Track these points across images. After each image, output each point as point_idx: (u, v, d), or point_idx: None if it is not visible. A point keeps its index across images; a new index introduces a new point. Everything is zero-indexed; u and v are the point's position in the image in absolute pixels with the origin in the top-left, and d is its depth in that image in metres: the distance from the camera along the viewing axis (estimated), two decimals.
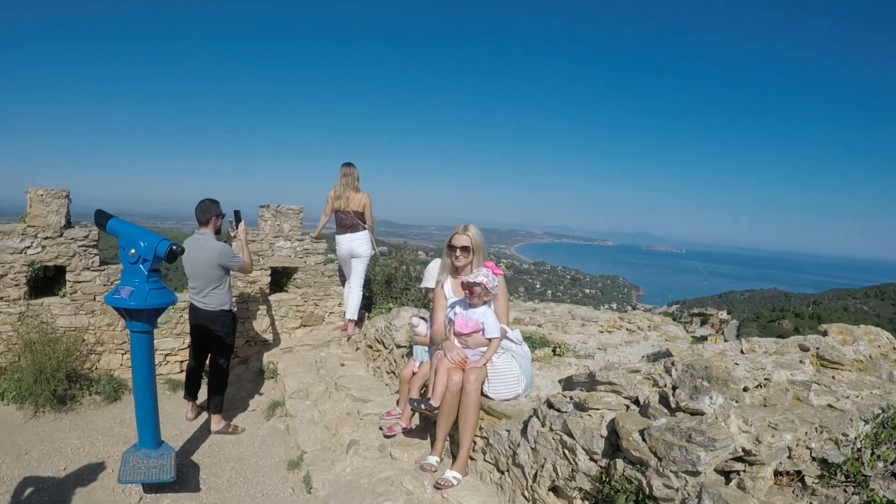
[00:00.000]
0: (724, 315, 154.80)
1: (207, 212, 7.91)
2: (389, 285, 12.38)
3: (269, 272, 10.75)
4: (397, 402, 7.21)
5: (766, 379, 4.15)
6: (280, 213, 10.75)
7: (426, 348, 6.81)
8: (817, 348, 4.95)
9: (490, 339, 5.89)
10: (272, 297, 10.82)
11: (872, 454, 3.63)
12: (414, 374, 6.83)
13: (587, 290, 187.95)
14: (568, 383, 5.71)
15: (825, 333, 5.42)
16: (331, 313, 11.32)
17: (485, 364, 5.82)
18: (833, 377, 4.60)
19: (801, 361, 4.62)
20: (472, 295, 5.89)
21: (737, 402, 3.81)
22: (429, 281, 6.97)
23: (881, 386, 4.56)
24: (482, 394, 5.83)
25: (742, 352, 4.96)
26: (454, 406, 5.73)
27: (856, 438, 3.75)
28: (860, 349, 5.11)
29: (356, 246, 10.11)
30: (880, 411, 3.99)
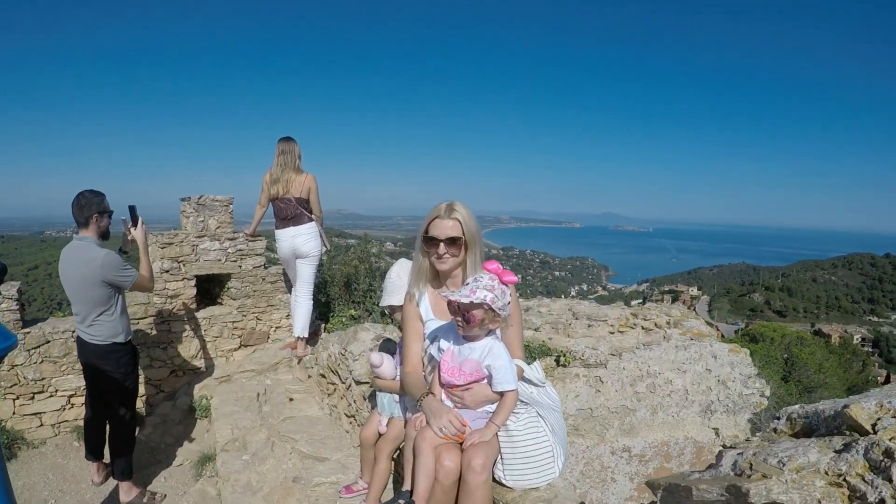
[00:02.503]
0: (694, 291, 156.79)
1: (86, 208, 5.87)
2: (350, 288, 10.38)
3: (193, 282, 8.65)
4: (361, 472, 5.10)
5: None
6: (204, 205, 8.63)
7: (396, 397, 4.59)
8: None
9: (502, 393, 3.63)
10: (201, 313, 8.70)
11: None
12: (381, 435, 4.66)
13: (557, 273, 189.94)
14: (673, 497, 2.97)
15: None
16: (277, 328, 9.26)
17: (495, 435, 3.61)
18: None
19: None
20: (470, 323, 3.57)
21: None
22: (392, 295, 4.77)
23: None
24: (495, 481, 3.68)
25: None
26: None
27: None
28: None
29: (301, 242, 8.13)
30: None
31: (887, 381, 61.66)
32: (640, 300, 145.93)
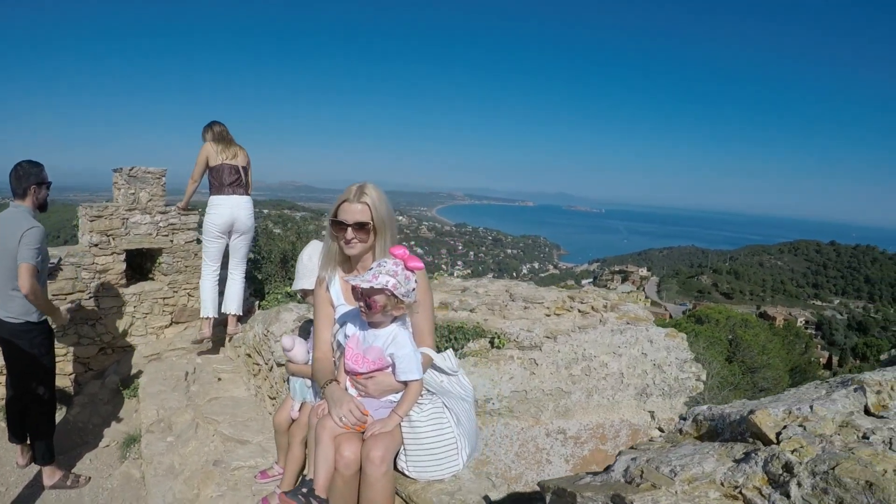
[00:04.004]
0: (644, 272, 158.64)
1: (24, 179, 5.77)
2: (286, 265, 10.23)
3: (123, 256, 8.40)
4: (277, 458, 5.01)
5: None
6: (135, 177, 8.39)
7: (308, 382, 4.47)
8: None
9: (406, 383, 3.54)
10: (131, 289, 8.48)
11: None
12: (294, 420, 4.55)
13: (509, 251, 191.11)
14: (561, 500, 2.95)
15: None
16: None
17: (397, 425, 3.54)
18: None
19: None
20: (371, 309, 3.46)
21: None
22: (304, 279, 4.65)
23: None
24: (398, 471, 3.62)
25: (868, 411, 2.82)
26: (352, 499, 3.44)
27: None
28: None
29: (246, 216, 7.91)
30: None
31: (829, 363, 62.96)
32: (591, 279, 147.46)
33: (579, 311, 7.79)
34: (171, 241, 8.67)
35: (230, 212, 7.81)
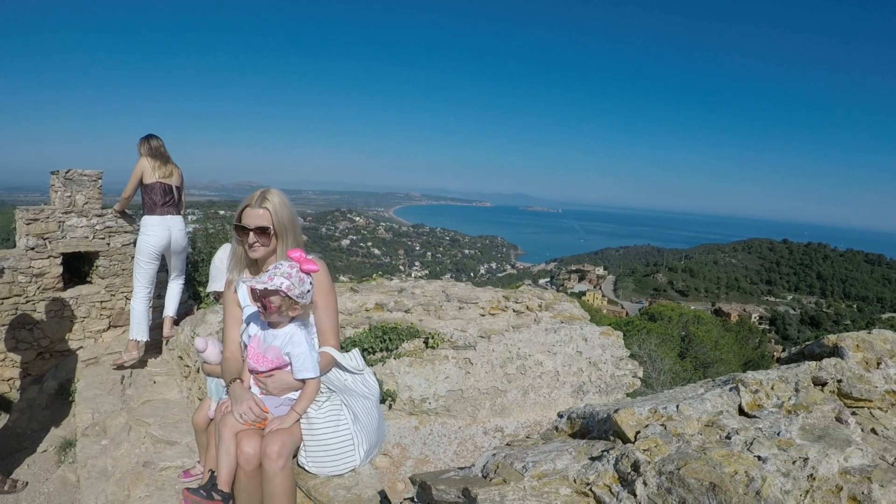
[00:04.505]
0: (600, 271, 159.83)
1: None
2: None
3: (59, 260, 8.35)
4: (199, 457, 5.04)
5: (810, 477, 2.26)
6: (72, 180, 8.33)
7: (223, 382, 4.41)
8: (838, 380, 3.10)
9: (304, 381, 3.68)
10: (68, 293, 8.43)
11: None
12: (211, 420, 4.65)
13: (466, 251, 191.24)
14: (424, 493, 2.89)
15: (835, 348, 3.56)
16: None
17: (296, 422, 3.67)
18: (874, 429, 2.81)
19: (839, 419, 2.73)
20: (267, 310, 3.60)
21: None
22: (216, 281, 4.75)
23: None
24: (300, 467, 3.76)
25: (742, 411, 2.92)
26: (255, 493, 3.56)
27: None
28: (890, 373, 3.32)
29: (179, 236, 7.87)
30: None
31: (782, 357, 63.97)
32: (548, 279, 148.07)
33: (514, 310, 7.87)
34: (108, 244, 8.62)
35: (165, 233, 7.74)
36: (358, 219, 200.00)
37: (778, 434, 2.42)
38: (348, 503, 3.48)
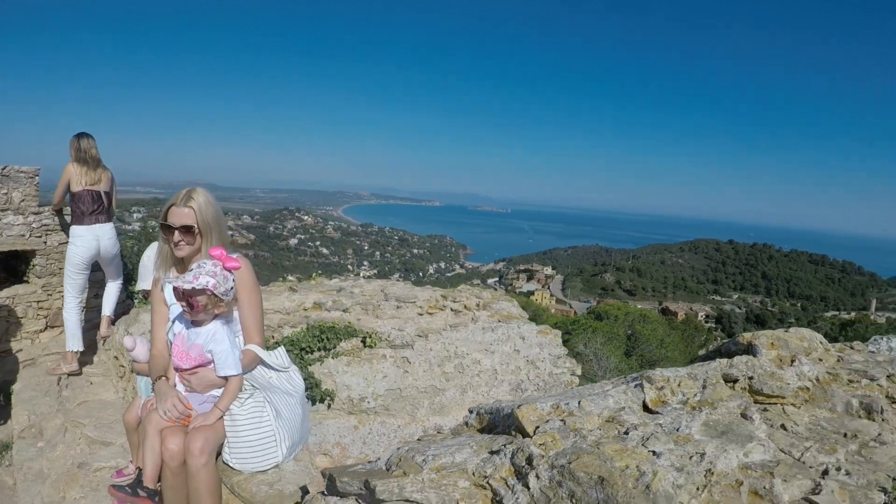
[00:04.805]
0: (549, 271, 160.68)
1: None
2: None
3: None
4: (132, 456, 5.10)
5: (706, 471, 2.35)
6: (8, 177, 8.19)
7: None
8: (749, 378, 3.22)
9: (227, 378, 3.72)
10: (3, 293, 8.28)
11: None
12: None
13: (415, 251, 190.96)
14: (332, 486, 3.03)
15: (749, 346, 3.68)
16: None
17: (219, 419, 3.71)
18: (783, 426, 2.92)
19: (745, 415, 2.83)
20: (194, 309, 3.64)
21: None
22: (145, 279, 4.78)
23: (842, 427, 2.95)
24: (225, 464, 3.79)
25: (646, 407, 3.01)
26: (181, 490, 3.59)
27: None
28: (804, 370, 3.44)
29: (109, 244, 7.70)
30: (881, 493, 2.38)
31: None
32: (497, 278, 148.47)
33: (452, 309, 7.93)
34: (45, 242, 8.50)
35: (93, 244, 7.56)
36: (306, 218, 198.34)
37: (678, 430, 2.53)
38: (271, 498, 3.54)
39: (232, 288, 3.71)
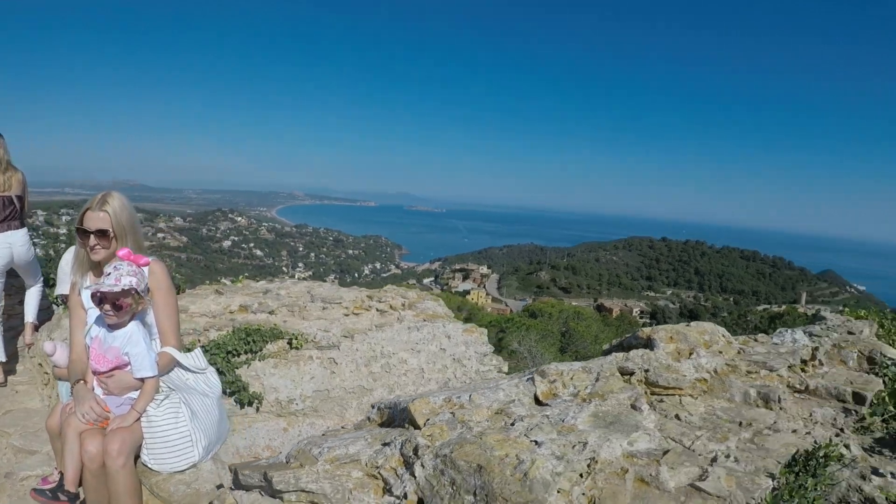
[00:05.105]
0: (484, 270, 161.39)
1: None
2: None
3: None
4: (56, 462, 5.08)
5: (590, 459, 2.46)
6: None
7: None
8: (645, 370, 3.36)
9: (143, 379, 3.78)
10: None
11: None
12: None
13: (350, 251, 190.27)
14: (237, 479, 3.49)
15: (649, 340, 3.82)
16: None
17: (136, 421, 3.75)
18: (677, 416, 3.05)
19: (634, 406, 2.97)
20: (121, 310, 3.69)
21: None
22: (63, 284, 4.78)
23: (739, 416, 3.10)
24: (144, 465, 3.82)
25: (538, 400, 3.13)
26: (102, 492, 3.64)
27: None
28: (702, 362, 3.59)
29: (22, 251, 7.35)
30: (769, 479, 2.51)
31: None
32: (433, 278, 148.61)
33: (378, 310, 8.01)
34: None
35: (6, 251, 7.23)
36: (240, 219, 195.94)
37: (563, 421, 2.66)
38: (188, 497, 3.61)
39: (146, 287, 3.80)
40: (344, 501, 2.44)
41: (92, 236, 3.87)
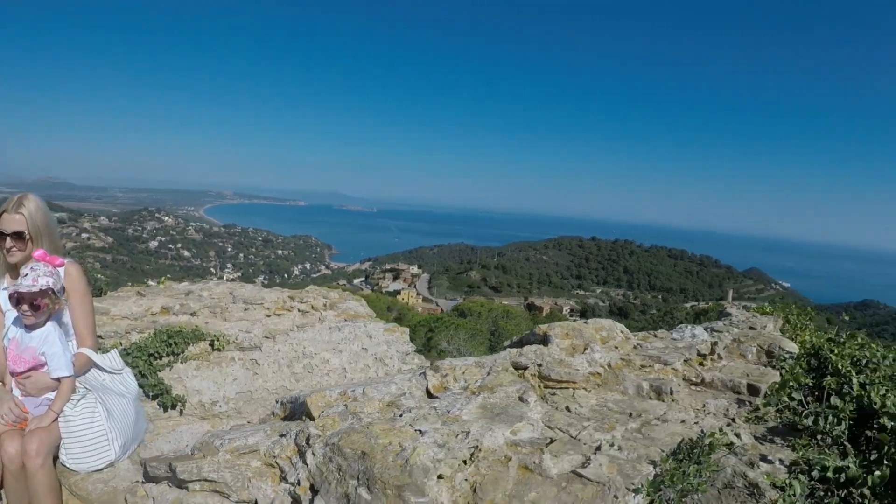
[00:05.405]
0: (415, 270, 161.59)
1: None
2: None
3: None
4: None
5: (473, 448, 2.63)
6: None
7: None
8: (539, 365, 3.54)
9: (60, 380, 3.84)
10: None
11: None
12: None
13: (280, 252, 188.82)
14: (149, 469, 3.55)
15: (545, 337, 4.00)
16: None
17: (54, 421, 3.81)
18: (568, 407, 3.23)
19: (522, 398, 3.14)
20: (39, 310, 3.78)
21: None
22: None
23: (630, 407, 3.29)
24: (62, 465, 3.87)
25: (429, 393, 3.31)
26: (22, 493, 3.68)
27: None
28: (595, 357, 3.78)
29: None
30: (651, 466, 2.69)
31: None
32: (363, 278, 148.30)
33: (299, 310, 8.08)
34: None
35: None
36: (167, 219, 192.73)
37: (450, 412, 2.83)
38: (106, 495, 3.69)
39: (63, 287, 3.89)
40: (243, 489, 2.62)
41: (8, 238, 3.93)
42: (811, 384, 4.37)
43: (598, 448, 2.85)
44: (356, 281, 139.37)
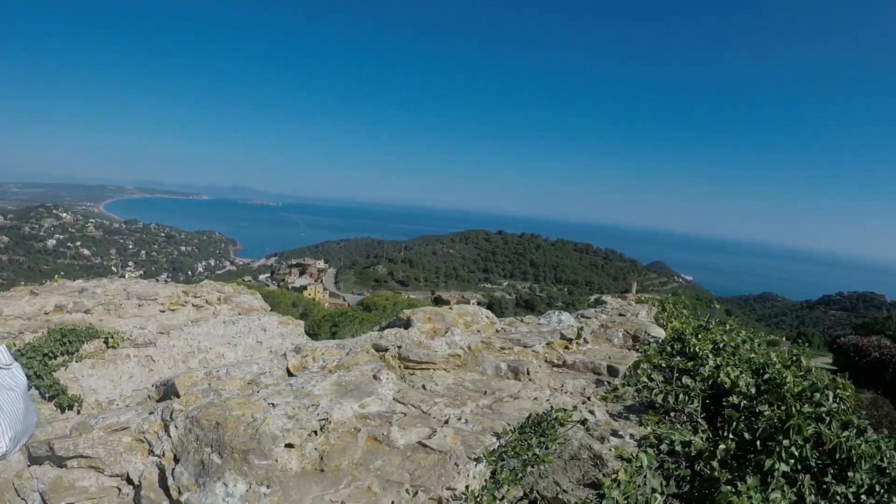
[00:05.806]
0: (321, 264, 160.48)
1: None
2: None
3: None
4: None
5: (324, 420, 2.93)
6: None
7: None
8: (398, 347, 3.86)
9: None
10: None
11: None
12: None
13: (183, 248, 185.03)
14: (31, 451, 3.60)
15: (408, 321, 4.32)
16: None
17: None
18: (424, 386, 3.56)
19: (375, 377, 3.46)
20: None
21: (269, 486, 2.59)
22: None
23: (487, 386, 3.63)
24: None
25: (289, 371, 3.64)
26: None
27: (468, 492, 2.75)
28: (455, 340, 4.11)
29: None
30: (494, 438, 3.02)
31: None
32: (269, 274, 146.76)
33: (194, 305, 8.21)
34: None
35: None
36: (65, 215, 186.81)
37: (304, 388, 3.15)
38: None
39: None
40: (115, 463, 2.89)
41: None
42: (664, 365, 4.78)
43: (447, 422, 3.18)
44: (262, 277, 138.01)
